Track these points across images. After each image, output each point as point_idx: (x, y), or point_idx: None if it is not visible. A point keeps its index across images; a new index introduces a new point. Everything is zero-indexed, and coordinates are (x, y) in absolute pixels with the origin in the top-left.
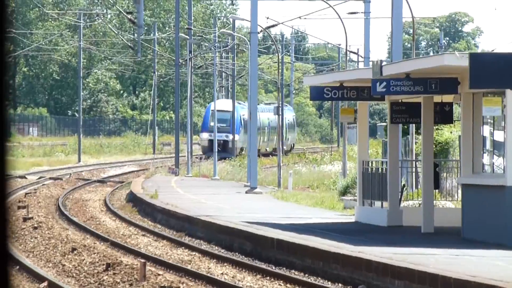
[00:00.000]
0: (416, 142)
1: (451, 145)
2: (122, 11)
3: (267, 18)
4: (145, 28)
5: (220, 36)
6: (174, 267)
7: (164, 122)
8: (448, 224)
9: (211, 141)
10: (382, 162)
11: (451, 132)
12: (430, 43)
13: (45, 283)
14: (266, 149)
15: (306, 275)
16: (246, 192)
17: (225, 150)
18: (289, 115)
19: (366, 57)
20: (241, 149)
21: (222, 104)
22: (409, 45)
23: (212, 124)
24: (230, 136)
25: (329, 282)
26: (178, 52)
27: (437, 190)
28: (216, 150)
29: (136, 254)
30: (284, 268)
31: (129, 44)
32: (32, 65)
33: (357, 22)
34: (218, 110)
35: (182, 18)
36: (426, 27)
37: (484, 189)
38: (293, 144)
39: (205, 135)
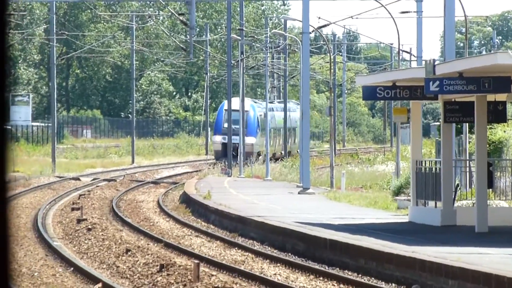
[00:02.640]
0: (469, 142)
1: (504, 144)
2: (174, 13)
3: (319, 18)
4: (197, 29)
5: (272, 36)
6: (228, 267)
7: None
8: (502, 223)
9: (225, 145)
10: (436, 161)
11: (504, 131)
12: (482, 42)
13: (100, 285)
14: (281, 153)
15: (360, 275)
16: (299, 193)
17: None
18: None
19: (418, 56)
20: (258, 154)
21: (236, 103)
22: (461, 44)
23: (226, 125)
24: (247, 139)
25: (383, 282)
26: (230, 53)
27: (490, 190)
28: (231, 154)
29: (190, 255)
30: (338, 269)
31: (181, 45)
32: (85, 67)
33: (410, 21)
34: (232, 110)
35: (234, 19)
36: (478, 26)
37: None
38: None
39: (218, 138)
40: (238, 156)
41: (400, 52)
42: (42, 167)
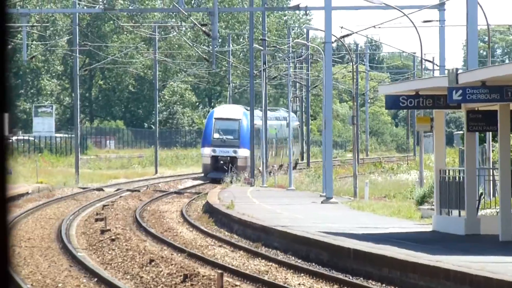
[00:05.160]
0: (493, 150)
1: None
2: (197, 23)
3: (341, 27)
4: (220, 40)
5: (294, 46)
6: (251, 278)
7: None
8: None
9: (214, 158)
10: (459, 170)
11: None
12: (505, 50)
13: None
14: (273, 166)
15: (384, 285)
16: (322, 202)
17: (233, 169)
18: (293, 123)
19: (441, 65)
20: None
21: (227, 111)
22: (484, 53)
23: (216, 136)
24: (240, 152)
25: None
26: (253, 63)
27: None
28: (221, 169)
29: (213, 265)
30: (362, 278)
31: (204, 56)
32: (108, 78)
33: (432, 30)
34: (222, 119)
35: (256, 29)
36: (501, 34)
37: None
38: (298, 159)
39: (207, 151)
40: (261, 167)
41: (423, 61)
42: (66, 178)
